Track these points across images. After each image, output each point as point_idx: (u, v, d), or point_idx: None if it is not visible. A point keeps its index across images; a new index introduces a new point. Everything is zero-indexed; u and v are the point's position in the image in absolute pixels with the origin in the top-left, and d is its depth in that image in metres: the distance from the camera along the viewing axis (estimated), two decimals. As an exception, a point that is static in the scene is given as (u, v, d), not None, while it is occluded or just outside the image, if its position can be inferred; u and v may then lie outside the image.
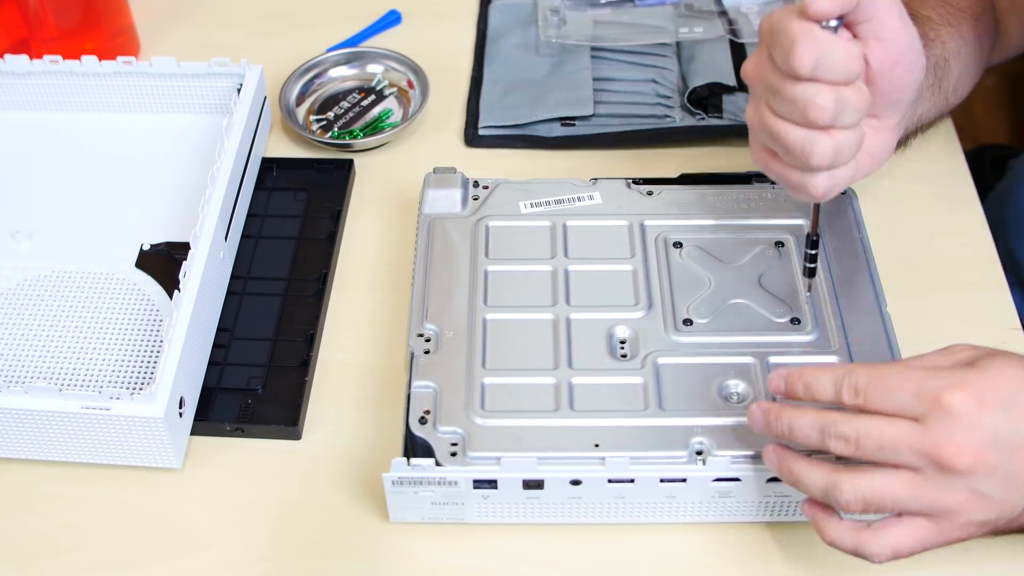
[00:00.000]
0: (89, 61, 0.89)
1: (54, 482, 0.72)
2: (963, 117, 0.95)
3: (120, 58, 0.89)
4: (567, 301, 0.74)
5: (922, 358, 0.58)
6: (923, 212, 0.86)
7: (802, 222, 0.77)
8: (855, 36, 0.63)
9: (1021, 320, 0.79)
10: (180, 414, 0.70)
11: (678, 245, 0.77)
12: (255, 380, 0.76)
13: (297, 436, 0.74)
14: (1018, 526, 0.56)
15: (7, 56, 0.90)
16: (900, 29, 0.63)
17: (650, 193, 0.80)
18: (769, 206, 0.79)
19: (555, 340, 0.72)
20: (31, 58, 0.90)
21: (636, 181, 0.81)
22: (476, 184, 0.81)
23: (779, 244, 0.77)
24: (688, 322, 0.73)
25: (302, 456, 0.73)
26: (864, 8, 0.61)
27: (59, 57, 0.89)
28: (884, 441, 0.53)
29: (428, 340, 0.71)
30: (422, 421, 0.67)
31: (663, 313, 0.73)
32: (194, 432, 0.73)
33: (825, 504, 0.58)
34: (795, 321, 0.72)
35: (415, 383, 0.69)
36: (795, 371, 0.58)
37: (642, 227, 0.78)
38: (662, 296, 0.74)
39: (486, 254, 0.76)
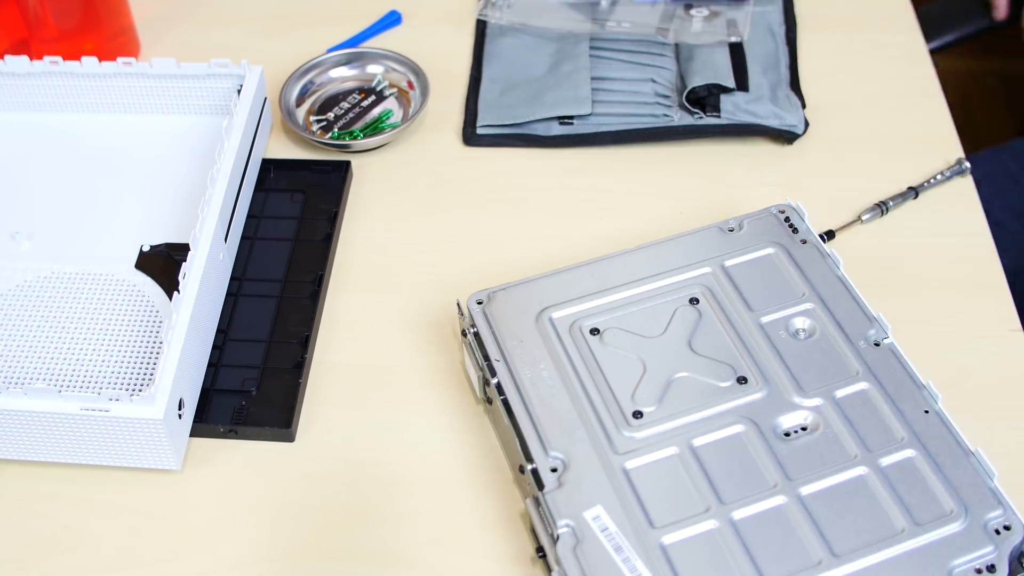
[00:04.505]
0: (89, 62, 0.89)
1: (54, 483, 0.72)
2: (963, 117, 0.95)
3: (120, 59, 0.89)
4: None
5: None
6: (923, 211, 0.86)
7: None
8: None
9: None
10: (179, 416, 0.71)
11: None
12: (249, 382, 0.76)
13: (290, 438, 0.74)
14: None
15: (7, 57, 0.90)
16: None
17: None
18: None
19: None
20: (31, 59, 0.90)
21: None
22: None
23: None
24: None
25: (300, 457, 0.74)
26: None
27: (59, 58, 0.89)
28: None
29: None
30: None
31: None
32: (189, 434, 0.73)
33: None
34: None
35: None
36: None
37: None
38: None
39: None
